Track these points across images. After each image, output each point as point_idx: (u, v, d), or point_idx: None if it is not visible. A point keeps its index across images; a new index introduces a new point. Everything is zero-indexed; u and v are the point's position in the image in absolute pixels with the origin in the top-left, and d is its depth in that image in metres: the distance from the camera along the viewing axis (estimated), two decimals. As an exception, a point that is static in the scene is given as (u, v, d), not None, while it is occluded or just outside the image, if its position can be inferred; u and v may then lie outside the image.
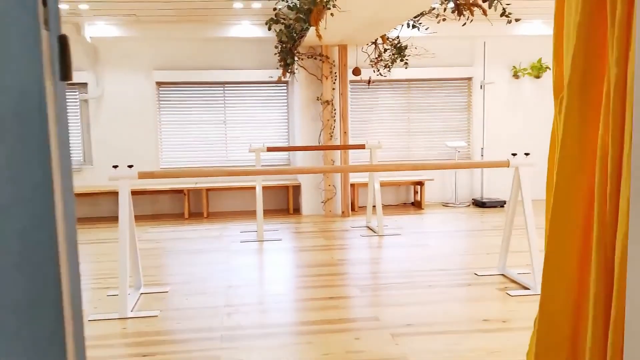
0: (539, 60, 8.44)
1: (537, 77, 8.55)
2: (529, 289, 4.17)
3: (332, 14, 4.34)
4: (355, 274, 4.67)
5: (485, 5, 4.57)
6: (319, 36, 4.82)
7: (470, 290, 4.17)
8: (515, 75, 8.53)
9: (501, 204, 8.09)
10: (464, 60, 8.43)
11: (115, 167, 3.98)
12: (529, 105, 8.62)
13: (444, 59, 8.38)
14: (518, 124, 8.63)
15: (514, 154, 4.31)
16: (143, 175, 4.00)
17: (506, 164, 4.27)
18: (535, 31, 8.07)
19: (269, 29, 5.64)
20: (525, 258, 5.11)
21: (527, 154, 4.30)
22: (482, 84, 8.28)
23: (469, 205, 8.27)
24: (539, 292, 4.19)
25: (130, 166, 3.99)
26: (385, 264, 4.99)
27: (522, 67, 8.52)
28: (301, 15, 4.83)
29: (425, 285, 4.32)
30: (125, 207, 3.93)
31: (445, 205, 8.32)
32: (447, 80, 8.47)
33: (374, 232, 6.47)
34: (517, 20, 4.55)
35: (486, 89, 8.49)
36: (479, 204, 8.18)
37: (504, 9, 4.29)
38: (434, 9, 6.08)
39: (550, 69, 8.49)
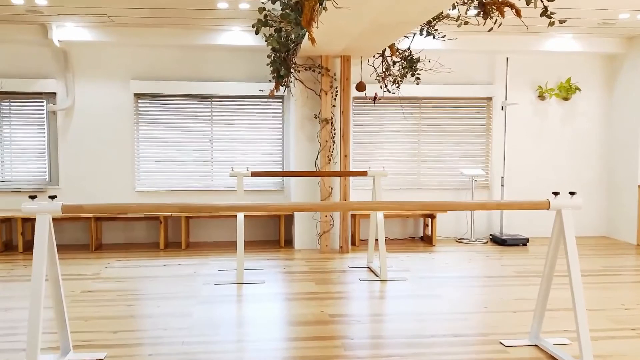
0: (568, 80, 7.46)
1: (566, 99, 7.57)
2: (574, 372, 3.15)
3: (325, 9, 3.40)
4: (347, 339, 3.66)
5: (521, 3, 3.62)
6: (312, 39, 3.88)
7: (497, 372, 3.16)
8: (541, 97, 7.56)
9: (524, 242, 7.06)
10: (484, 78, 7.47)
11: (32, 197, 3.04)
12: (556, 130, 7.62)
13: (461, 75, 7.42)
14: (544, 151, 7.62)
15: (555, 193, 3.33)
16: (68, 210, 3.05)
17: (546, 205, 3.28)
18: (564, 47, 7.11)
19: (257, 32, 4.72)
20: (564, 320, 4.08)
21: (572, 193, 3.32)
22: (504, 104, 7.30)
23: (486, 242, 7.24)
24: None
25: (52, 197, 3.04)
26: (387, 325, 3.98)
27: (549, 88, 7.54)
28: (288, 12, 3.91)
29: (437, 361, 3.31)
30: (43, 248, 2.97)
31: (460, 241, 7.30)
32: (464, 99, 7.51)
33: (376, 275, 5.46)
34: (561, 22, 3.59)
35: (508, 110, 7.51)
36: (498, 241, 7.15)
37: (545, 7, 3.33)
38: (449, 14, 5.14)
39: (580, 90, 7.51)
